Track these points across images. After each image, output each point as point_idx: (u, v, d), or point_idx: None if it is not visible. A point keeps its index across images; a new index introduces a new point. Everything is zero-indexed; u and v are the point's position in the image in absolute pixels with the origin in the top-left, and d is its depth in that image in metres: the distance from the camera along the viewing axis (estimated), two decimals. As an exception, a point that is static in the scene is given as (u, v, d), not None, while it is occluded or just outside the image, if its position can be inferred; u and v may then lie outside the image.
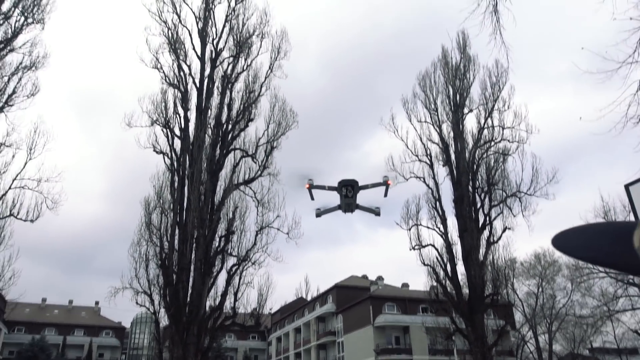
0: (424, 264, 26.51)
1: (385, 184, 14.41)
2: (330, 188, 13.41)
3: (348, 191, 13.28)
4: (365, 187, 13.98)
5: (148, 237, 22.50)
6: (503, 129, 26.98)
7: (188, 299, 20.90)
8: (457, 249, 26.11)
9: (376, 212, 14.95)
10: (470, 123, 28.21)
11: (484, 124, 27.41)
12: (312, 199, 13.67)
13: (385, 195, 14.65)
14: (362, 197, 14.04)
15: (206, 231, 21.90)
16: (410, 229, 27.05)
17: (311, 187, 13.38)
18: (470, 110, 28.04)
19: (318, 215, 14.24)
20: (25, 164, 22.17)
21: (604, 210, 30.38)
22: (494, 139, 27.09)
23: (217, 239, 22.45)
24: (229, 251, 22.47)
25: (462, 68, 28.66)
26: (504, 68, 27.14)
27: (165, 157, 23.06)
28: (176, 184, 22.61)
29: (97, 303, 73.31)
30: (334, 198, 13.83)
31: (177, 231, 21.98)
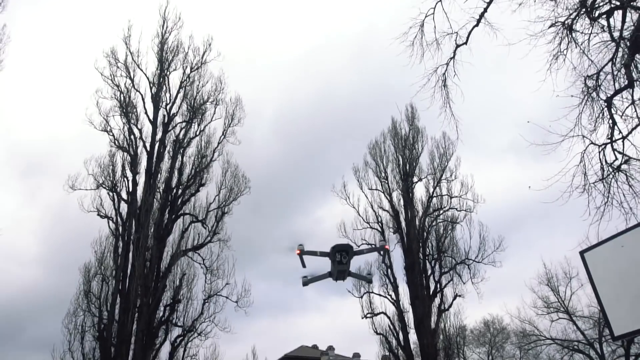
0: (377, 333, 26.24)
1: (383, 248, 13.72)
2: (322, 254, 12.04)
3: (342, 257, 11.84)
4: (361, 252, 13.02)
5: (86, 306, 21.05)
6: (451, 197, 27.87)
7: (127, 375, 19.45)
8: (409, 317, 26.05)
9: (368, 279, 14.00)
10: (420, 191, 29.08)
11: (433, 193, 28.23)
12: (304, 266, 12.17)
13: (383, 260, 13.67)
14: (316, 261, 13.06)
15: (150, 300, 20.83)
16: (362, 297, 26.82)
17: (302, 253, 11.99)
18: (420, 179, 28.87)
19: (305, 284, 12.59)
20: (-45, 229, 20.60)
21: (547, 277, 31.31)
22: (442, 207, 27.86)
23: (162, 308, 21.45)
24: (174, 321, 21.46)
25: (411, 139, 29.77)
26: (450, 140, 28.50)
27: (110, 222, 22.21)
28: (120, 250, 21.64)
29: (23, 380, 67.07)
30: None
31: (118, 300, 20.80)
